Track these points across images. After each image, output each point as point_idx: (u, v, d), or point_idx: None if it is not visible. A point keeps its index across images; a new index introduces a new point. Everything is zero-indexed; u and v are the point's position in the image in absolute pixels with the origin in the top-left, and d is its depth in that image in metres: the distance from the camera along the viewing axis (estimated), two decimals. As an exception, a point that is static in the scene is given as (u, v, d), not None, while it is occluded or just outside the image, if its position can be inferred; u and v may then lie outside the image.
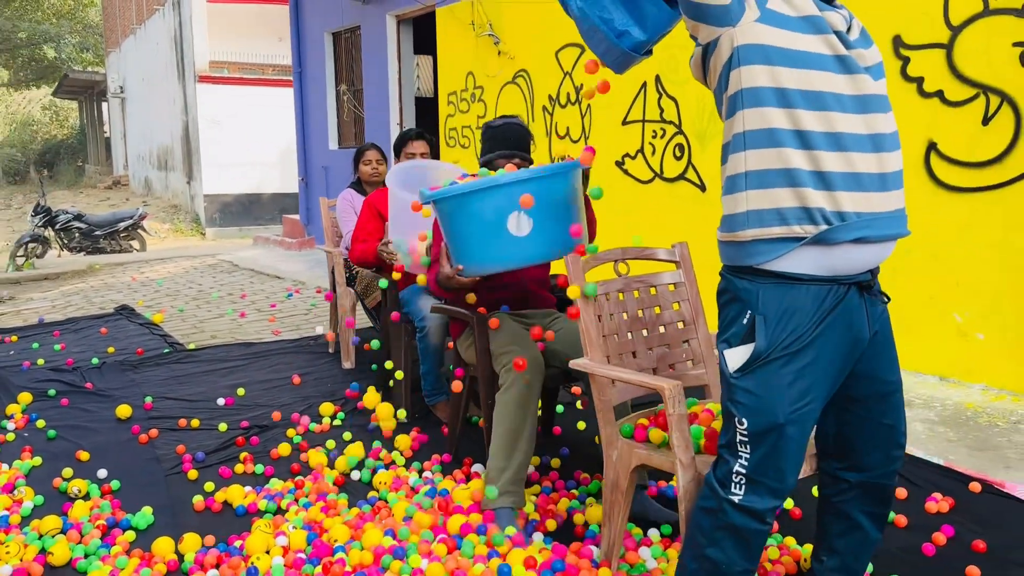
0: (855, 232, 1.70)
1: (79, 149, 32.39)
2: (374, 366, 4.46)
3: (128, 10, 22.40)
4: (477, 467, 3.10)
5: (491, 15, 6.78)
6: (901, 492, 2.79)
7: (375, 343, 3.64)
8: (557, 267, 2.83)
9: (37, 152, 32.18)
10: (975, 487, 2.80)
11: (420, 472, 3.15)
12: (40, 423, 3.76)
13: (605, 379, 2.30)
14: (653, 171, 5.54)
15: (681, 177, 5.34)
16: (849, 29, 1.78)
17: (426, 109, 8.98)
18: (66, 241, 12.67)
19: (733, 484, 1.78)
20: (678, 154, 5.35)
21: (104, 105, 28.34)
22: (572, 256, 2.39)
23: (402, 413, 3.51)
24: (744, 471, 1.76)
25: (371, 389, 3.88)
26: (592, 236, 2.97)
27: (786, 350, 1.72)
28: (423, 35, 8.42)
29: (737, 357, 1.77)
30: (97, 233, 12.70)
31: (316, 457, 3.25)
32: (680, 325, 2.60)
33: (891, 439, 1.94)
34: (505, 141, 2.93)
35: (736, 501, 1.77)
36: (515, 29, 6.60)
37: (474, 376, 3.05)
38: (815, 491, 2.35)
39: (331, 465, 3.24)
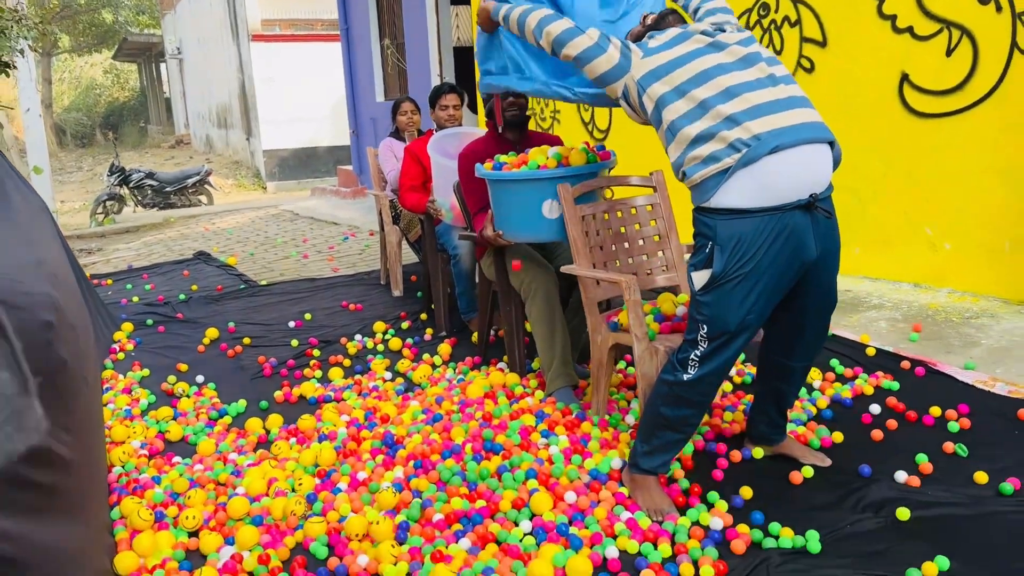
0: (769, 144, 2.18)
1: (140, 110, 33.62)
2: (419, 293, 5.15)
3: (181, -28, 23.15)
4: (501, 365, 3.76)
5: (519, -31, 7.26)
6: (851, 372, 3.38)
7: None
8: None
9: (102, 115, 33.52)
10: (905, 365, 3.36)
11: (454, 369, 3.83)
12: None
13: (590, 280, 2.91)
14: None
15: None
16: (720, 29, 2.42)
17: (467, 58, 9.50)
18: (140, 198, 13.63)
19: (689, 366, 2.37)
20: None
21: (163, 66, 29.35)
22: (563, 185, 2.99)
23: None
24: (698, 358, 2.35)
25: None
26: None
27: (736, 273, 2.24)
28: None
29: (700, 278, 2.32)
30: (168, 189, 13.63)
31: (373, 363, 3.96)
32: (656, 239, 3.19)
33: (816, 340, 2.53)
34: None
35: (686, 380, 2.37)
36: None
37: (495, 291, 3.69)
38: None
39: (388, 369, 3.94)
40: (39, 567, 1.79)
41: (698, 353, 2.34)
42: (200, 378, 3.96)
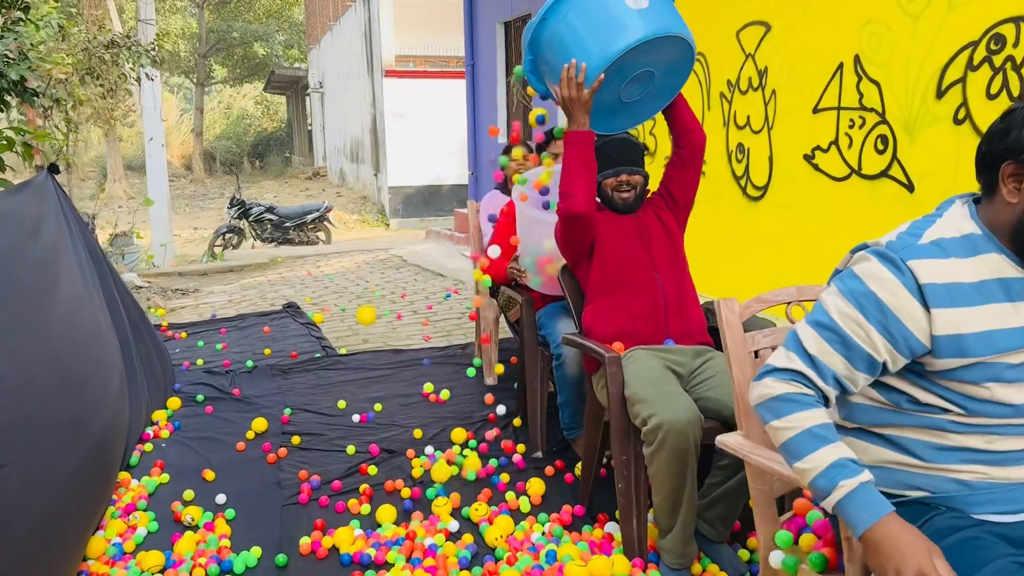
0: None
1: (286, 141, 34.55)
2: (517, 384, 4.10)
3: (326, 7, 23.45)
4: (611, 526, 2.65)
5: (665, -5, 6.22)
6: None
7: None
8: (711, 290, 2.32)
9: (250, 144, 34.66)
10: None
11: (544, 526, 2.74)
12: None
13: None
14: (850, 167, 4.78)
15: (884, 174, 4.55)
16: None
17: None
18: (259, 232, 13.30)
19: None
20: (880, 147, 4.57)
21: (307, 99, 30.00)
22: (727, 302, 1.89)
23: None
24: None
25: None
26: (699, 129, 2.81)
27: None
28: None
29: None
30: (287, 225, 13.25)
31: (436, 503, 2.93)
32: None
33: None
34: (606, 159, 2.78)
35: None
36: (690, 8, 5.98)
37: (607, 421, 2.60)
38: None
39: (455, 512, 2.91)
40: None
41: None
42: (221, 498, 3.06)
